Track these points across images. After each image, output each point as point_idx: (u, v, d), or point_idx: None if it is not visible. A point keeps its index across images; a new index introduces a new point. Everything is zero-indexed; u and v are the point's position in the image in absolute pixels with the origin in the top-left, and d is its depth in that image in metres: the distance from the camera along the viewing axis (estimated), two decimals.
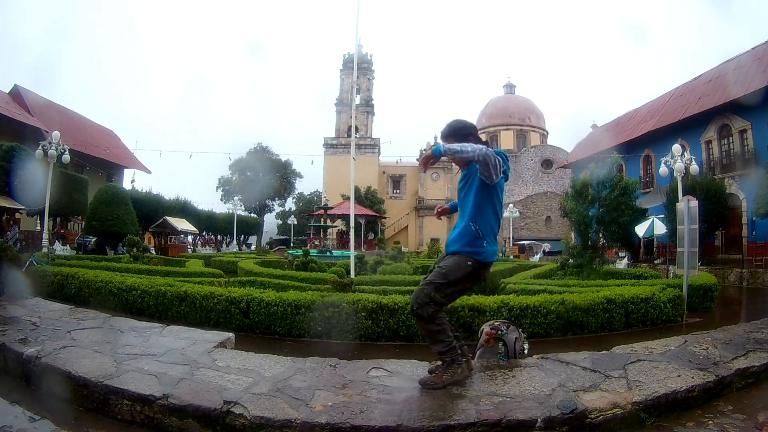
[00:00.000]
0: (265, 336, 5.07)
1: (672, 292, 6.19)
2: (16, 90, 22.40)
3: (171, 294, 5.62)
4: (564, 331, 5.26)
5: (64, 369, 2.48)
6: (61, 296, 6.45)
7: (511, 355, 3.02)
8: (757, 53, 17.38)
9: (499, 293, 5.88)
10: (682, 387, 2.35)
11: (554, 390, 2.29)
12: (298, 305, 5.03)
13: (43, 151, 13.74)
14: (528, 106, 50.69)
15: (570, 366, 2.67)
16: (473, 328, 4.68)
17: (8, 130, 19.25)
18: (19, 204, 16.04)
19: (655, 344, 3.12)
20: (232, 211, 33.26)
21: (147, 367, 2.54)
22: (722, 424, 2.14)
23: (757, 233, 16.57)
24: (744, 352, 2.91)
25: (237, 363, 2.70)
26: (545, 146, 45.16)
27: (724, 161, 18.97)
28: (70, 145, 16.74)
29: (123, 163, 30.29)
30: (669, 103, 22.02)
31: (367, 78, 46.42)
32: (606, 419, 2.08)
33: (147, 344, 3.06)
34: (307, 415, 2.01)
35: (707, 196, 15.14)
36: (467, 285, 2.60)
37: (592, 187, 11.24)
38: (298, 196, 47.69)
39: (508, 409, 2.07)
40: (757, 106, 16.21)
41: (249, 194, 39.00)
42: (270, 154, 42.73)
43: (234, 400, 2.12)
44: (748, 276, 14.28)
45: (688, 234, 6.77)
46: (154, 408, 2.15)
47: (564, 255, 13.29)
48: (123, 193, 20.26)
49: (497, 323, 3.25)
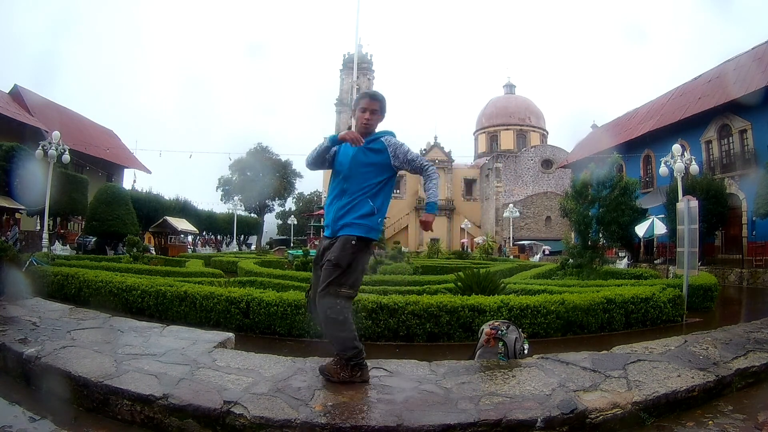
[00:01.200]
0: (265, 336, 5.07)
1: (672, 292, 6.19)
2: (16, 90, 22.41)
3: (171, 294, 5.62)
4: (564, 331, 5.26)
5: (64, 369, 2.48)
6: (61, 296, 6.45)
7: (511, 355, 3.02)
8: (757, 53, 17.37)
9: (499, 293, 5.87)
10: (682, 387, 2.35)
11: (554, 390, 2.29)
12: (298, 305, 5.02)
13: (43, 151, 13.73)
14: (528, 106, 50.67)
15: (570, 366, 2.67)
16: (473, 328, 4.68)
17: (8, 130, 19.25)
18: (19, 204, 16.05)
19: (655, 344, 3.12)
20: (232, 211, 33.28)
21: (147, 367, 2.54)
22: (722, 424, 2.14)
23: (757, 233, 16.56)
24: (744, 352, 2.91)
25: (237, 363, 2.70)
26: (545, 146, 45.12)
27: (724, 161, 18.97)
28: (70, 145, 16.73)
29: (123, 163, 30.31)
30: (669, 103, 22.02)
31: (367, 78, 46.42)
32: (606, 419, 2.08)
33: (147, 344, 3.06)
34: (307, 415, 2.01)
35: (707, 196, 15.13)
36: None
37: (592, 187, 11.23)
38: (298, 196, 47.75)
39: (508, 409, 2.07)
40: (757, 106, 16.20)
41: (249, 194, 39.01)
42: (270, 154, 42.74)
43: (234, 400, 2.12)
44: (748, 276, 14.27)
45: (688, 234, 6.76)
46: (154, 408, 2.15)
47: (564, 255, 13.29)
48: (123, 193, 20.28)
49: (497, 323, 3.25)
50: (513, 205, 35.11)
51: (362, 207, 2.46)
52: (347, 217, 2.45)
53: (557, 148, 42.76)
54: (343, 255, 2.37)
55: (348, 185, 2.51)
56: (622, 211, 11.16)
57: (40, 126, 20.17)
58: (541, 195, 40.98)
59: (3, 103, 20.13)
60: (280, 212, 47.55)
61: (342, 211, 2.47)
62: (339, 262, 2.36)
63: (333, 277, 2.35)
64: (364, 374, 2.45)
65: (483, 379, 2.50)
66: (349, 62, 43.42)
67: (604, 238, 11.48)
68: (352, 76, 38.18)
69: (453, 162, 45.83)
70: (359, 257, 2.43)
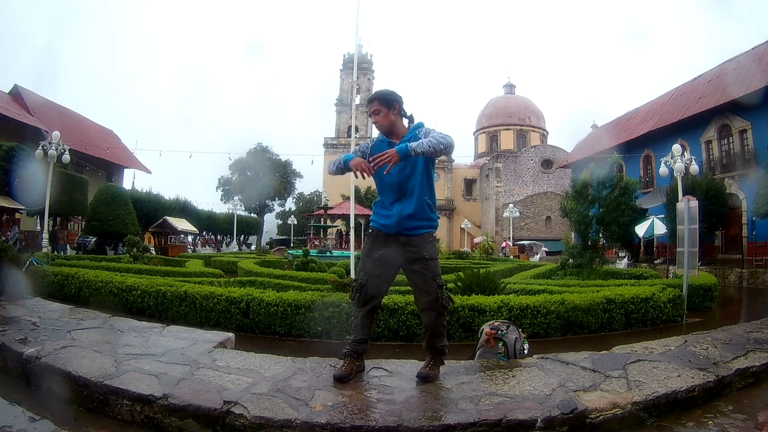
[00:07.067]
0: (265, 336, 5.07)
1: (672, 292, 6.19)
2: (16, 90, 22.40)
3: (171, 294, 5.62)
4: (564, 331, 5.26)
5: (64, 369, 2.48)
6: (61, 296, 6.45)
7: (511, 355, 3.02)
8: (757, 53, 17.37)
9: (499, 293, 5.87)
10: (682, 387, 2.34)
11: (554, 390, 2.29)
12: (298, 305, 5.02)
13: (43, 151, 13.72)
14: (528, 106, 50.70)
15: (570, 366, 2.67)
16: (473, 328, 4.68)
17: (8, 130, 19.25)
18: (19, 204, 16.04)
19: (655, 344, 3.12)
20: (232, 211, 33.25)
21: (147, 367, 2.54)
22: (722, 424, 2.14)
23: (757, 233, 16.56)
24: (744, 352, 2.91)
25: (237, 363, 2.70)
26: (545, 146, 45.14)
27: (724, 161, 18.97)
28: (70, 145, 16.73)
29: (123, 163, 30.31)
30: (669, 103, 22.01)
31: (367, 78, 46.45)
32: (606, 419, 2.08)
33: (147, 344, 3.06)
34: (307, 415, 2.01)
35: (707, 196, 15.13)
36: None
37: (592, 187, 11.22)
38: (298, 196, 47.71)
39: (508, 409, 2.07)
40: (757, 106, 16.20)
41: (249, 194, 39.02)
42: (270, 154, 42.75)
43: (234, 400, 2.12)
44: (748, 276, 14.28)
45: (688, 234, 6.76)
46: (154, 408, 2.15)
47: (564, 255, 13.29)
48: (123, 193, 20.28)
49: (497, 323, 3.26)
50: (513, 205, 35.10)
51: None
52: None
53: (557, 148, 42.78)
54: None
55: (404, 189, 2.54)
56: (622, 211, 11.15)
57: (40, 126, 20.16)
58: (541, 195, 41.00)
59: (3, 103, 20.13)
60: (280, 212, 47.54)
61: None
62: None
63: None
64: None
65: (483, 379, 2.49)
66: (349, 62, 43.46)
67: (604, 238, 11.47)
68: (352, 76, 38.15)
69: (453, 162, 45.85)
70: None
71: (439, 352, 2.58)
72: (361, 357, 2.58)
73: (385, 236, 2.54)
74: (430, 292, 2.48)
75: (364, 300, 2.50)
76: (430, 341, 2.57)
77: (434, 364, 2.55)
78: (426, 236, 2.53)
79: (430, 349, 2.58)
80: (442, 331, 2.59)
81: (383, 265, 2.51)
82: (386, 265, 2.52)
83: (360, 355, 2.56)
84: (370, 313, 2.55)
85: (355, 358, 2.53)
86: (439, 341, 2.57)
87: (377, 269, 2.51)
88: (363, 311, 2.52)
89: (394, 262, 2.52)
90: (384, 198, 2.59)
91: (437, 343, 2.56)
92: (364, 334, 2.55)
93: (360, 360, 2.57)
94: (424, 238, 2.52)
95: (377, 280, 2.50)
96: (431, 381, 2.46)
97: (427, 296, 2.49)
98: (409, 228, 2.49)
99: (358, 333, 2.54)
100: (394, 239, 2.52)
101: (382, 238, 2.55)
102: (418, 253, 2.48)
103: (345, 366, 2.49)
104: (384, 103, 2.56)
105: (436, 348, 2.57)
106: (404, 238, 2.50)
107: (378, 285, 2.51)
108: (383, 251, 2.52)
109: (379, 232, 2.56)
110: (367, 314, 2.54)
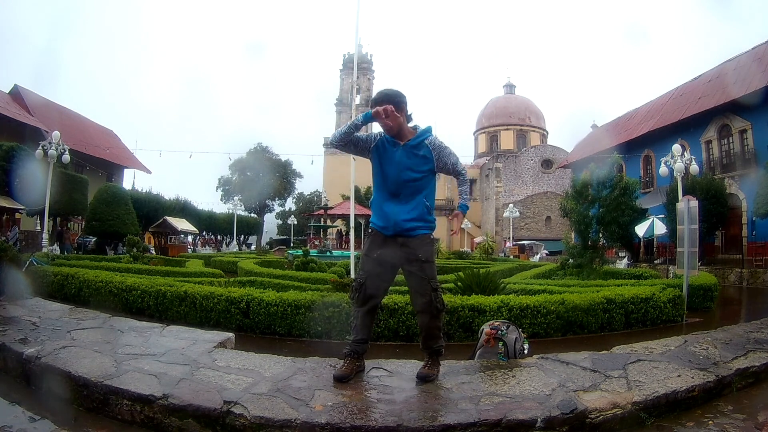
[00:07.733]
0: (265, 336, 5.07)
1: (672, 292, 6.19)
2: (16, 90, 22.39)
3: (171, 294, 5.62)
4: (564, 331, 5.26)
5: (64, 369, 2.48)
6: (61, 296, 6.45)
7: (511, 355, 3.02)
8: (757, 53, 17.37)
9: (499, 293, 5.87)
10: (682, 387, 2.35)
11: (554, 390, 2.30)
12: (298, 305, 5.02)
13: (43, 151, 13.72)
14: (528, 106, 50.71)
15: (570, 366, 2.67)
16: (473, 328, 4.68)
17: (8, 130, 19.24)
18: (19, 204, 16.03)
19: (655, 344, 3.12)
20: (232, 211, 33.24)
21: (147, 367, 2.54)
22: (722, 424, 2.14)
23: (757, 233, 16.56)
24: (744, 352, 2.91)
25: (237, 363, 2.70)
26: (545, 146, 45.14)
27: (724, 161, 18.97)
28: (70, 145, 16.71)
29: (123, 163, 30.30)
30: (669, 103, 22.01)
31: (367, 78, 46.47)
32: (606, 419, 2.08)
33: (147, 344, 3.06)
34: (307, 415, 2.01)
35: (707, 196, 15.13)
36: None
37: (592, 187, 11.22)
38: (298, 196, 47.72)
39: (508, 409, 2.07)
40: (757, 106, 16.20)
41: (249, 194, 39.02)
42: (270, 154, 42.75)
43: (234, 400, 2.12)
44: (748, 276, 14.28)
45: (688, 234, 6.76)
46: (154, 408, 2.15)
47: (564, 255, 13.29)
48: (123, 193, 20.27)
49: (497, 323, 3.26)
50: (513, 205, 35.10)
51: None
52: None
53: (557, 148, 42.78)
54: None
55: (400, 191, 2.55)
56: (622, 211, 11.15)
57: (40, 126, 20.15)
58: (541, 195, 40.98)
59: (3, 103, 20.12)
60: (280, 212, 47.54)
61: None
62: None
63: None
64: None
65: (483, 379, 2.49)
66: (349, 62, 43.48)
67: (604, 238, 11.47)
68: (352, 76, 38.14)
69: None
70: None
71: (436, 352, 2.59)
72: (361, 357, 2.58)
73: (383, 237, 2.55)
74: (424, 295, 2.49)
75: (364, 299, 2.51)
76: (425, 342, 2.59)
77: (433, 364, 2.56)
78: (423, 237, 2.54)
79: (427, 349, 2.60)
80: (438, 333, 2.60)
81: (382, 264, 2.52)
82: (385, 265, 2.53)
83: (360, 355, 2.56)
84: (370, 312, 2.56)
85: (355, 358, 2.54)
86: (435, 342, 2.58)
87: (376, 268, 2.52)
88: (362, 311, 2.53)
89: (393, 262, 2.53)
90: (383, 197, 2.59)
91: (433, 344, 2.58)
92: (364, 334, 2.56)
93: (360, 360, 2.57)
94: (421, 239, 2.53)
95: (376, 279, 2.51)
96: (431, 381, 2.46)
97: (421, 298, 2.51)
98: (407, 229, 2.51)
99: (358, 333, 2.55)
100: (392, 240, 2.53)
101: (381, 239, 2.56)
102: (414, 254, 2.49)
103: (345, 366, 2.50)
104: (393, 105, 2.49)
105: (432, 348, 2.58)
106: (402, 239, 2.51)
107: (377, 284, 2.52)
108: (382, 251, 2.53)
109: (378, 233, 2.58)
110: (366, 314, 2.54)
